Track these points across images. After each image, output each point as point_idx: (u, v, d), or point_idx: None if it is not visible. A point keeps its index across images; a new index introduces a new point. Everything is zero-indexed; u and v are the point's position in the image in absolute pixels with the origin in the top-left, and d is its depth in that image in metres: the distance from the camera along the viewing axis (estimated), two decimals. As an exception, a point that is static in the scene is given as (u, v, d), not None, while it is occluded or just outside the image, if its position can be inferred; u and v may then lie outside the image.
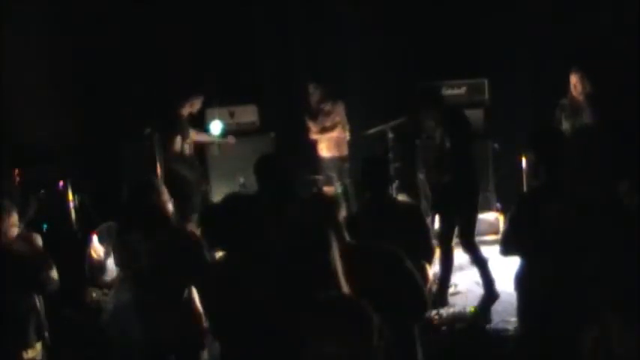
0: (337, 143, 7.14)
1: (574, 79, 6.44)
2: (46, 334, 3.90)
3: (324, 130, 7.11)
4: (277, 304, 2.41)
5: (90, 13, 7.30)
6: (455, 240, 5.57)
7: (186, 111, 6.78)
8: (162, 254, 3.63)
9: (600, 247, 2.01)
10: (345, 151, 7.18)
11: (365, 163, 4.37)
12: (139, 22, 7.32)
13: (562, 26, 7.22)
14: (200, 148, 7.28)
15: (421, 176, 5.91)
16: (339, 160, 7.13)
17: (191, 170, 6.64)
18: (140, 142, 6.47)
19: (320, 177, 6.99)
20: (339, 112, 7.13)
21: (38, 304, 3.87)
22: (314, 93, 7.12)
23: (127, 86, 7.24)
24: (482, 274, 5.40)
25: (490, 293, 5.32)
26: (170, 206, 3.83)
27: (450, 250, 5.48)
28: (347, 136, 7.21)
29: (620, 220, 2.11)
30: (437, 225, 5.97)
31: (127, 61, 7.28)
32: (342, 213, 2.97)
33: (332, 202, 3.01)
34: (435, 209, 6.02)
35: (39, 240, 3.95)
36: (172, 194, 3.90)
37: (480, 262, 5.44)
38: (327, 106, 7.10)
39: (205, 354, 3.84)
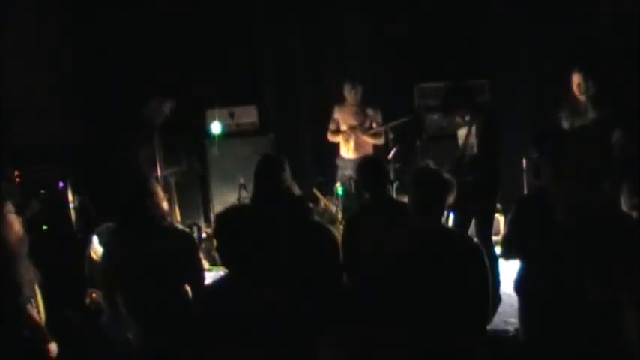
0: (361, 144, 6.93)
1: (577, 79, 6.39)
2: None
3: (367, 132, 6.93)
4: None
5: (90, 13, 7.31)
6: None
7: (155, 114, 6.39)
8: (157, 255, 3.62)
9: (600, 252, 2.00)
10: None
11: (363, 164, 4.37)
12: (139, 22, 7.32)
13: (562, 26, 7.21)
14: (199, 148, 7.27)
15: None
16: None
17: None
18: (140, 143, 6.45)
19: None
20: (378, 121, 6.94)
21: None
22: (355, 89, 6.90)
23: (126, 87, 7.23)
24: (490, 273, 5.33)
25: (493, 294, 5.29)
26: (165, 206, 3.82)
27: None
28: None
29: (618, 226, 2.10)
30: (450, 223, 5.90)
31: (127, 61, 7.27)
32: (453, 196, 3.11)
33: (445, 183, 3.11)
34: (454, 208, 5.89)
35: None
36: None
37: (491, 260, 5.36)
38: (368, 110, 6.93)
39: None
